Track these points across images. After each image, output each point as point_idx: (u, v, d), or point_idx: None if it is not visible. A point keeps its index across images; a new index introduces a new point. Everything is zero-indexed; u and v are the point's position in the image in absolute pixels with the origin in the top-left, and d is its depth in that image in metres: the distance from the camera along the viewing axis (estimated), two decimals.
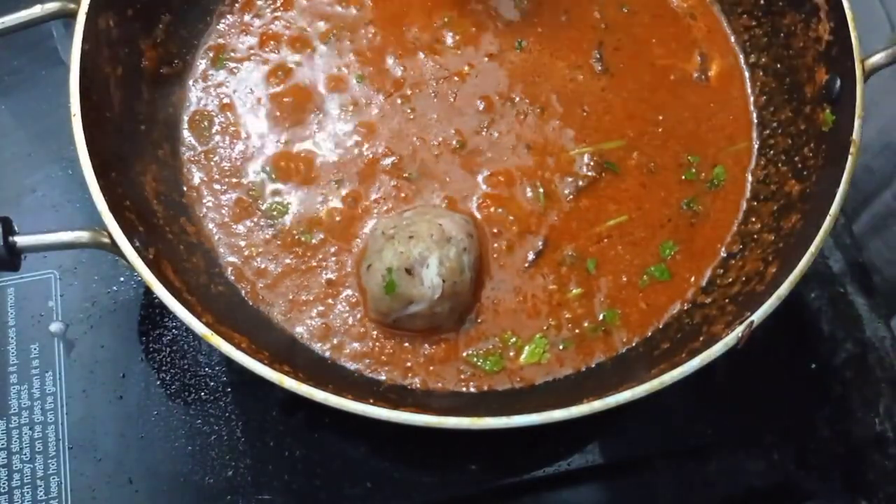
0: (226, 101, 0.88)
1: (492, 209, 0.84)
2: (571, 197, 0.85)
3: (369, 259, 0.77)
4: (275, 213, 0.83)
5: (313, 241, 0.82)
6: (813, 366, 0.89)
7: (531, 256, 0.82)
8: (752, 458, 0.88)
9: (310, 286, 0.80)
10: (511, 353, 0.79)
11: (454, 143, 0.86)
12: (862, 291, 0.95)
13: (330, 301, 0.80)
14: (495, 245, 0.82)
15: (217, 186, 0.84)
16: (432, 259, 0.74)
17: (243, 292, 0.80)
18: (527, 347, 0.79)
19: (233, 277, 0.80)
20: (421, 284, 0.74)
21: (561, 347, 0.79)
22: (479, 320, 0.80)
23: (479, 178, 0.85)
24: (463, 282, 0.76)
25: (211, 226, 0.82)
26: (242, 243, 0.82)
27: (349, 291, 0.80)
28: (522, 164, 0.86)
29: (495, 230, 0.83)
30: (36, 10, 0.75)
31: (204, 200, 0.83)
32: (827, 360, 0.92)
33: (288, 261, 0.81)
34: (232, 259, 0.81)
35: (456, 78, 0.89)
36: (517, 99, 0.89)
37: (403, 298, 0.74)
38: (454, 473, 0.84)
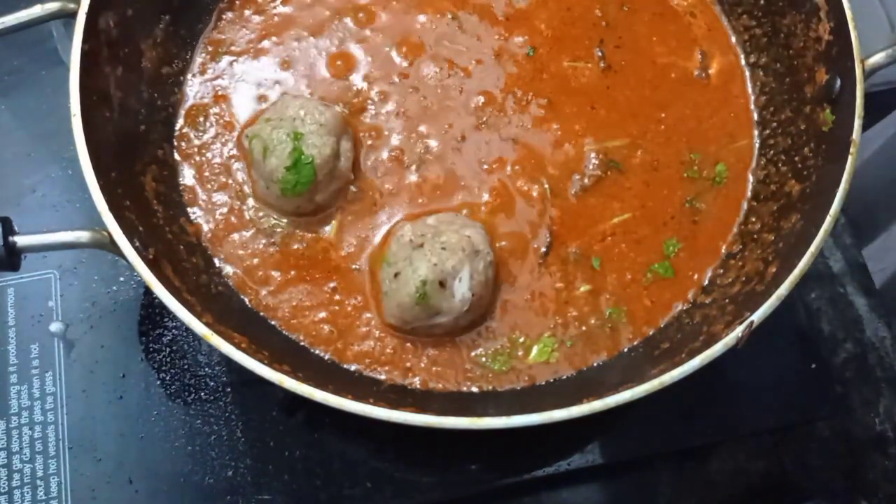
0: (220, 93, 0.87)
1: (498, 208, 0.84)
2: (577, 195, 0.85)
3: (396, 266, 0.75)
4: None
5: (315, 241, 0.82)
6: (813, 366, 0.88)
7: (538, 255, 0.82)
8: (752, 458, 0.88)
9: (311, 285, 0.80)
10: (520, 353, 0.79)
11: (458, 139, 0.86)
12: (862, 291, 0.95)
13: (331, 301, 0.80)
14: (503, 245, 0.82)
15: (212, 186, 0.84)
16: (464, 273, 0.74)
17: (243, 293, 0.80)
18: (535, 347, 0.79)
19: (233, 278, 0.80)
20: (452, 298, 0.74)
21: (568, 345, 0.79)
22: (487, 321, 0.79)
23: (484, 177, 0.85)
24: (487, 294, 0.77)
25: (211, 226, 0.82)
26: (243, 244, 0.82)
27: (351, 292, 0.80)
28: (527, 162, 0.86)
29: (502, 230, 0.83)
30: (36, 10, 0.75)
31: (202, 201, 0.83)
32: (827, 360, 0.93)
33: (288, 261, 0.81)
34: (232, 259, 0.81)
35: (461, 73, 0.89)
36: (521, 95, 0.88)
37: (432, 310, 0.74)
38: (454, 473, 0.84)
